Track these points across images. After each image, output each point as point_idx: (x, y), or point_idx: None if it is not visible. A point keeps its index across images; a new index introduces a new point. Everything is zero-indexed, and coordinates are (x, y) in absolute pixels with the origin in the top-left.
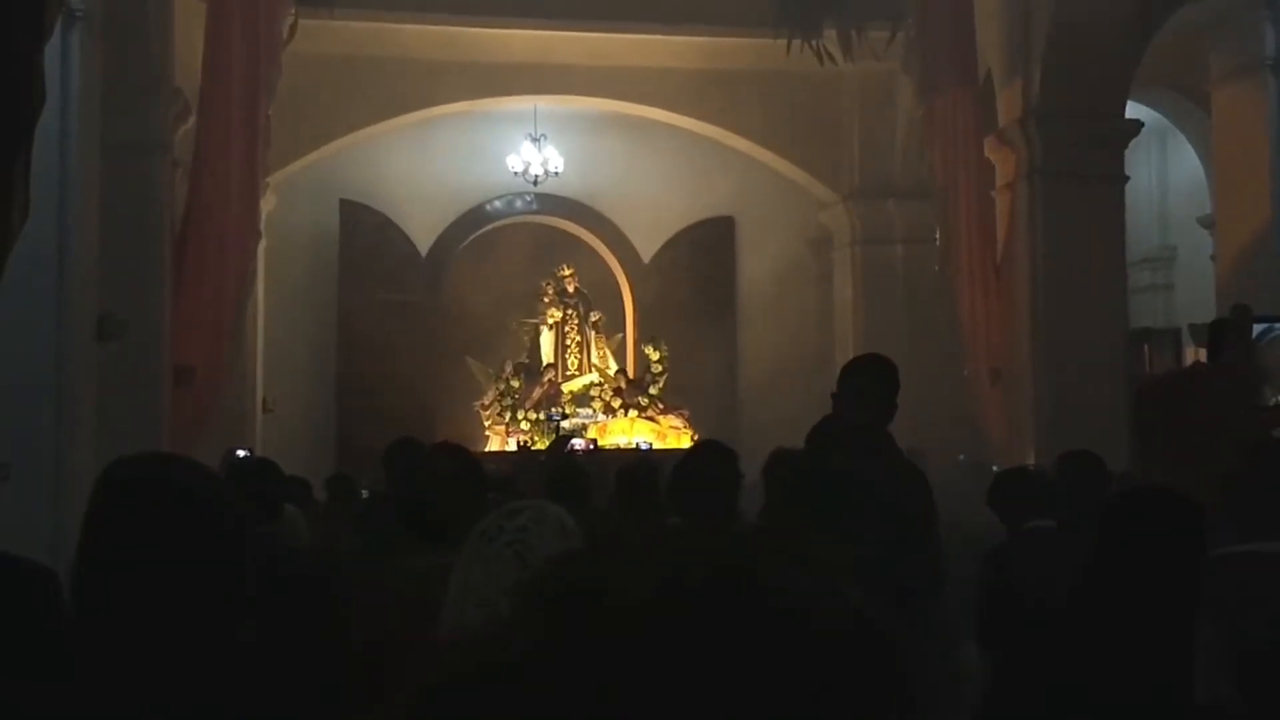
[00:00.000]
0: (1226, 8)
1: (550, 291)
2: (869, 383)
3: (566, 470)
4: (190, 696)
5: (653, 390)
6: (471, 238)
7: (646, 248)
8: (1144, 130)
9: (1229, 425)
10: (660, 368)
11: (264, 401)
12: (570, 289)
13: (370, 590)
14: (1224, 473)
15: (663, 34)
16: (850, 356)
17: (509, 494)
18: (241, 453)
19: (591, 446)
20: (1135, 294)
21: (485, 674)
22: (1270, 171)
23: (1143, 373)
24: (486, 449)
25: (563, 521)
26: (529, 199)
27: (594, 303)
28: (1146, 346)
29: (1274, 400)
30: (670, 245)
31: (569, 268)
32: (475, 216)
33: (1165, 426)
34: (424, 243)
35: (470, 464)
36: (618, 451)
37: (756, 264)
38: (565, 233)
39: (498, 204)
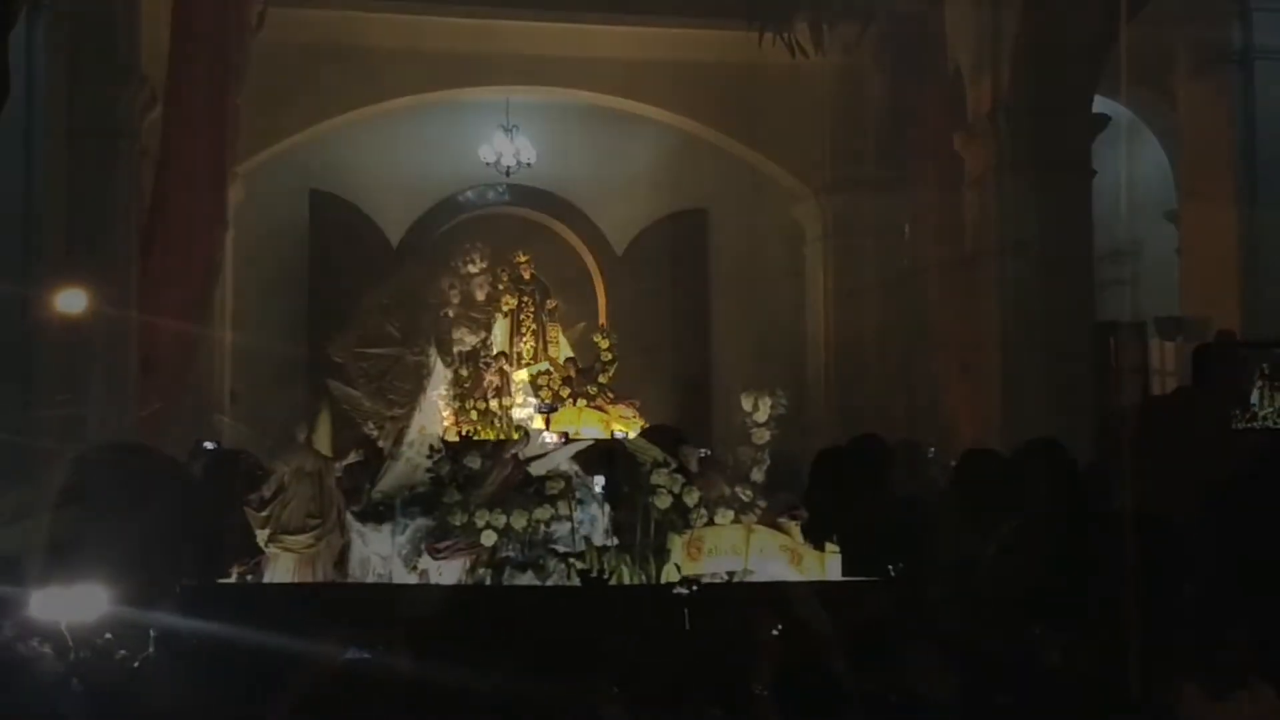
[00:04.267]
0: (1193, 3)
1: (505, 278)
2: None
3: None
4: None
5: (601, 379)
6: (443, 229)
7: (619, 240)
8: (1111, 125)
9: (1211, 445)
10: (609, 356)
11: (231, 393)
12: (526, 275)
13: None
14: (1209, 486)
15: (635, 25)
16: (822, 349)
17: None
18: (209, 445)
19: (563, 440)
20: (1101, 287)
21: None
22: (1236, 166)
23: (1109, 366)
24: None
25: None
26: (501, 190)
27: (566, 295)
28: (1112, 340)
29: (1240, 412)
30: (643, 237)
31: (524, 254)
32: (447, 207)
33: (1156, 446)
34: (395, 233)
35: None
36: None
37: (729, 256)
38: (538, 224)
39: (470, 195)
